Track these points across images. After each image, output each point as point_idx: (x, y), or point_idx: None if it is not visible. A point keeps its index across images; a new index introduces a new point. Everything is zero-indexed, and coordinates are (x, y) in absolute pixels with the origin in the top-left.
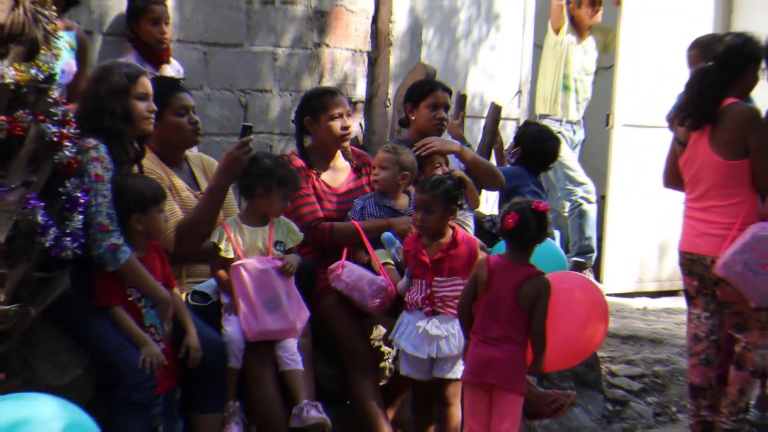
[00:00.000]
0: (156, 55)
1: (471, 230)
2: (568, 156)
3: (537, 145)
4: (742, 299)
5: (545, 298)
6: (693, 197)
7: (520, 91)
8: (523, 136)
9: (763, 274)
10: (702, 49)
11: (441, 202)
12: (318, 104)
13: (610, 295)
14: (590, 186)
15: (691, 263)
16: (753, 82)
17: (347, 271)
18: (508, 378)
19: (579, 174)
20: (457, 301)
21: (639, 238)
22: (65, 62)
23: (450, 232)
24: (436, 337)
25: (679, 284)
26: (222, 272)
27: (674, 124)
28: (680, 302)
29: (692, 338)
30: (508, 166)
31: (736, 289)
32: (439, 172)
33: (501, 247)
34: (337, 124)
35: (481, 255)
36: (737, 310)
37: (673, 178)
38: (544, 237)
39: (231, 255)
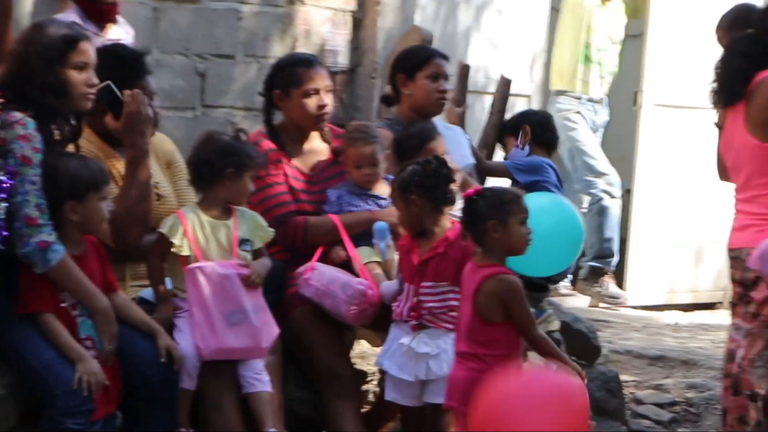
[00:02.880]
0: (101, 12)
1: None
2: (589, 140)
3: (533, 112)
4: None
5: (516, 302)
6: (737, 187)
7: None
8: (513, 119)
9: None
10: (728, 25)
11: (416, 190)
12: (290, 76)
13: (635, 308)
14: (613, 177)
15: (734, 262)
16: None
17: (317, 275)
18: (467, 402)
19: (601, 163)
20: (450, 313)
21: (671, 241)
22: None
23: (447, 227)
24: (424, 356)
25: (717, 296)
26: (162, 288)
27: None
28: (719, 317)
29: (727, 356)
30: (524, 156)
31: None
32: None
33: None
34: (312, 102)
35: None
36: None
37: (726, 170)
38: (482, 227)
39: (186, 253)
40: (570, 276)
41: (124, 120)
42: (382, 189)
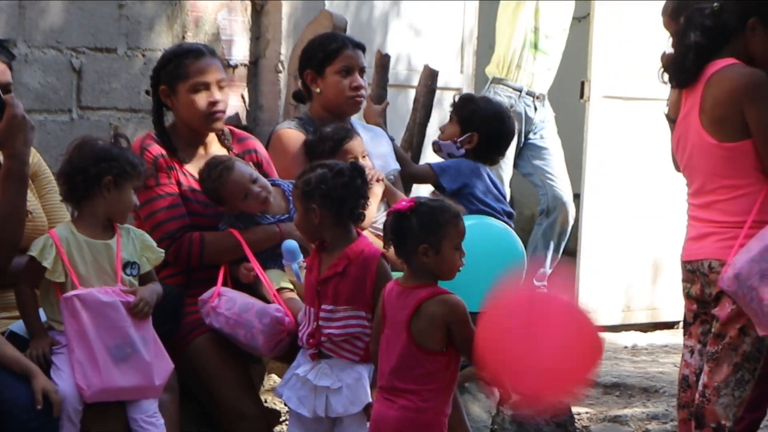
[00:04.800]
0: None
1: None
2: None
3: (496, 126)
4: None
5: (463, 324)
6: (692, 191)
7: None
8: (472, 116)
9: None
10: (672, 12)
11: (299, 197)
12: (176, 69)
13: None
14: (562, 181)
15: (691, 276)
16: (760, 43)
17: (226, 302)
18: None
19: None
20: (355, 342)
21: (626, 252)
22: None
23: (350, 241)
24: (323, 389)
25: (679, 314)
26: (35, 320)
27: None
28: (681, 337)
29: (681, 383)
30: (454, 156)
31: (745, 309)
32: None
33: None
34: (201, 98)
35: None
36: None
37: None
38: (412, 249)
39: (62, 279)
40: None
41: (4, 125)
42: (277, 202)
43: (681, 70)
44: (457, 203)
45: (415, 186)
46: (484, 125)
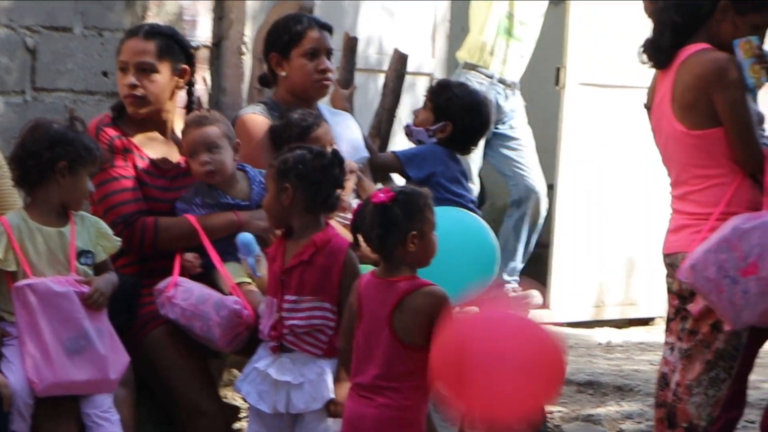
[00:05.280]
0: None
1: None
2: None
3: (472, 118)
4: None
5: (442, 314)
6: (671, 182)
7: None
8: (448, 104)
9: (743, 282)
10: None
11: (273, 175)
12: (119, 50)
13: (560, 325)
14: (533, 172)
15: (670, 270)
16: (732, 29)
17: (183, 292)
18: None
19: (475, 167)
20: (318, 335)
21: (601, 245)
22: None
23: (317, 230)
24: (284, 384)
25: (656, 309)
26: None
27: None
28: (658, 334)
29: (659, 381)
30: (423, 143)
31: (708, 302)
32: None
33: None
34: (122, 79)
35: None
36: None
37: None
38: (399, 239)
39: (13, 268)
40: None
41: None
42: (241, 187)
43: (658, 50)
44: None
45: None
46: (459, 116)
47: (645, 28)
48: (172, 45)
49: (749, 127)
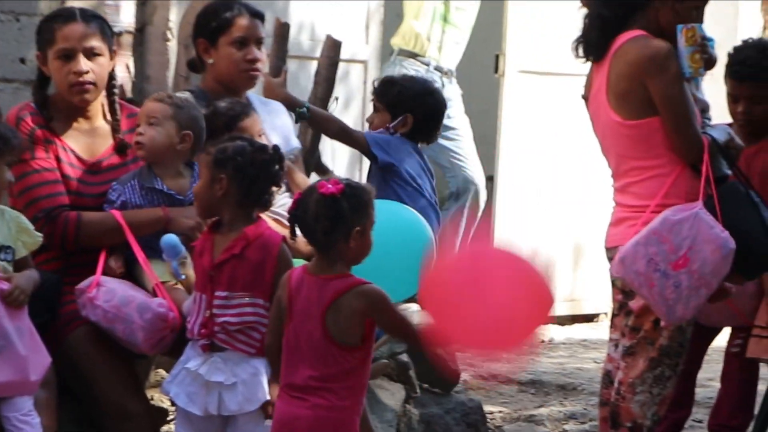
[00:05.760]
0: None
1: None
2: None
3: (430, 101)
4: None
5: (387, 313)
6: (612, 174)
7: None
8: (400, 98)
9: (674, 276)
10: None
11: (209, 163)
12: (46, 34)
13: None
14: (472, 162)
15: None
16: (673, 15)
17: (105, 293)
18: None
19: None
20: (251, 333)
21: (543, 239)
22: None
23: (248, 224)
24: (216, 385)
25: (600, 305)
26: None
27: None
28: (602, 331)
29: (603, 379)
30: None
31: (640, 297)
32: None
33: None
34: (64, 68)
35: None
36: None
37: None
38: (344, 233)
39: None
40: None
41: None
42: (182, 182)
43: (589, 44)
44: (387, 180)
45: None
46: (416, 104)
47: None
48: (106, 27)
49: (687, 115)
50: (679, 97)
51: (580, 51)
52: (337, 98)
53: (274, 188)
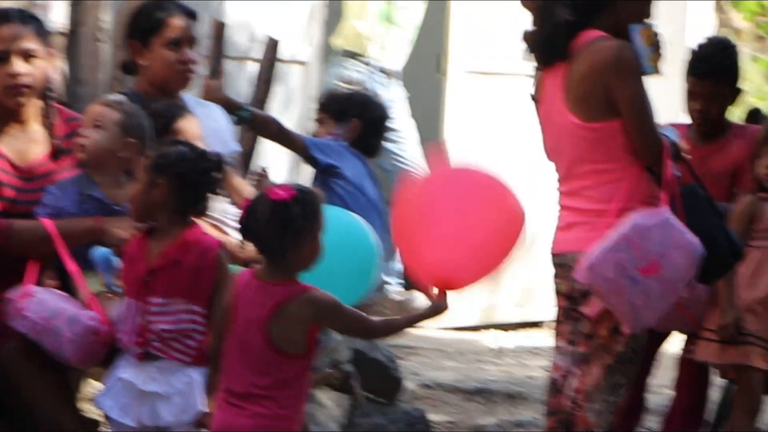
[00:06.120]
0: None
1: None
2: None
3: (376, 109)
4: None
5: (339, 317)
6: (560, 177)
7: None
8: (347, 104)
9: (643, 282)
10: None
11: (147, 167)
12: None
13: (447, 329)
14: (416, 166)
15: (559, 270)
16: (633, 11)
17: (35, 305)
18: None
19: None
20: (187, 341)
21: None
22: None
23: (184, 229)
24: (151, 395)
25: (549, 312)
26: None
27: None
28: (551, 338)
29: (549, 388)
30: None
31: (606, 304)
32: None
33: None
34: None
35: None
36: None
37: None
38: (296, 240)
39: None
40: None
41: None
42: (123, 193)
43: (550, 48)
44: (328, 184)
45: None
46: (363, 110)
47: (527, 15)
48: (43, 28)
49: (649, 117)
50: (642, 100)
51: (535, 56)
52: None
53: (211, 196)
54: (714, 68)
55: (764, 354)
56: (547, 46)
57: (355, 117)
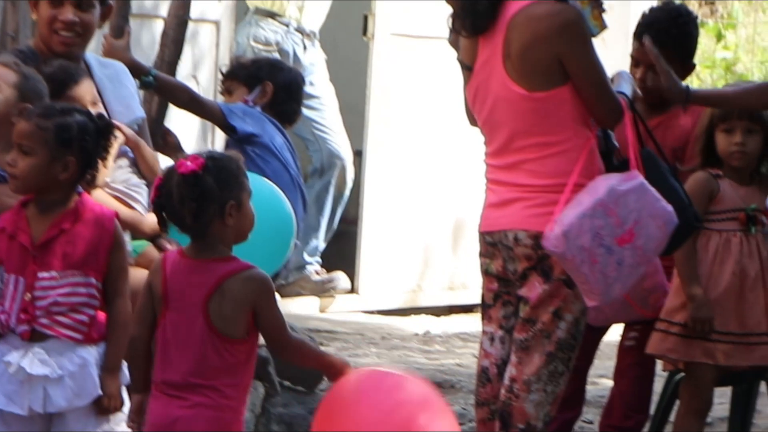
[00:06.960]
0: None
1: (142, 209)
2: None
3: (287, 72)
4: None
5: (270, 304)
6: (492, 150)
7: None
8: (256, 68)
9: (618, 252)
10: None
11: (48, 141)
12: None
13: (370, 313)
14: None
15: (492, 250)
16: None
17: None
18: None
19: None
20: (77, 316)
21: (417, 220)
22: None
23: (74, 199)
24: (40, 379)
25: (479, 296)
26: None
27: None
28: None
29: (479, 376)
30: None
31: (573, 275)
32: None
33: None
34: None
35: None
36: None
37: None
38: (216, 212)
39: None
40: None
41: None
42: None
43: (474, 15)
44: (247, 154)
45: None
46: (275, 72)
47: None
48: None
49: (604, 79)
50: (595, 63)
51: (460, 25)
52: None
53: (101, 162)
54: (659, 36)
55: (726, 350)
56: (473, 11)
57: (267, 78)
